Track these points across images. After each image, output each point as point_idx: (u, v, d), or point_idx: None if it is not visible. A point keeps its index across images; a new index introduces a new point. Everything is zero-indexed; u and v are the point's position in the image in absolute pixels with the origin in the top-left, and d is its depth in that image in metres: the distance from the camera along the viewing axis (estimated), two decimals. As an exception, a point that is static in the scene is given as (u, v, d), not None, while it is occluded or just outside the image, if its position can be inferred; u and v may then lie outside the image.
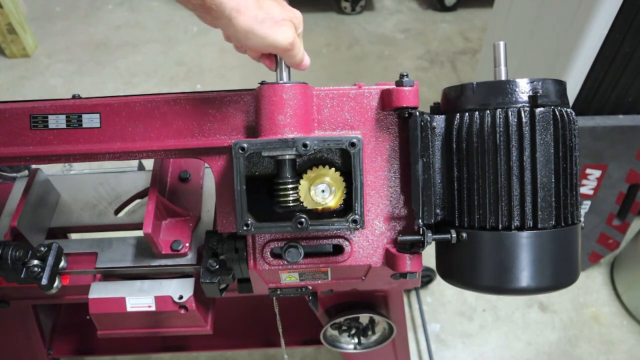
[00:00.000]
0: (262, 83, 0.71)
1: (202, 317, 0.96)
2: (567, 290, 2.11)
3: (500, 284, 0.68)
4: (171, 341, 1.36)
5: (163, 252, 0.89)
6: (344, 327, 1.20)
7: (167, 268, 0.92)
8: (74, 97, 0.77)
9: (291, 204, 0.71)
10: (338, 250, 0.77)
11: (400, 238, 0.72)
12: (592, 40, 1.34)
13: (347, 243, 0.76)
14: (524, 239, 0.67)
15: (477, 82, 0.70)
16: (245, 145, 0.67)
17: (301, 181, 0.72)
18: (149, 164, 1.15)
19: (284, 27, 0.60)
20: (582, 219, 0.73)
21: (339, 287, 0.88)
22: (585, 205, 1.68)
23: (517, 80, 0.68)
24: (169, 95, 0.74)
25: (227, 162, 0.74)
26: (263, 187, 0.74)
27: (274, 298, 1.00)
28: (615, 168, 1.55)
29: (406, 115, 0.70)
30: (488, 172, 0.68)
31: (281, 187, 0.71)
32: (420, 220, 0.69)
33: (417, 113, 0.69)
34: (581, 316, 1.90)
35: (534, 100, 0.67)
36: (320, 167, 0.73)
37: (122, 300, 0.90)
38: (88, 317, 0.92)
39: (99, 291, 0.92)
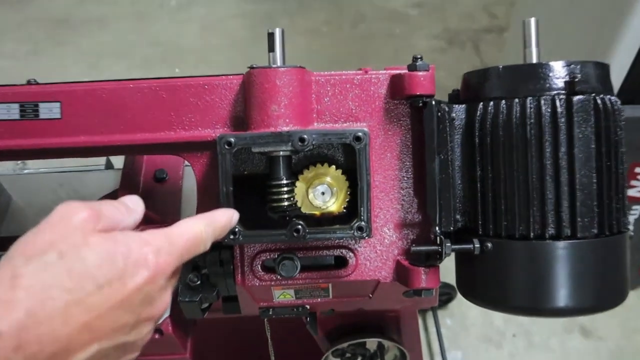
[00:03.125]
0: (252, 67, 0.71)
1: (180, 343, 0.96)
2: (614, 312, 2.09)
3: (533, 303, 0.68)
4: (144, 371, 1.36)
5: (135, 266, 0.89)
6: (347, 354, 1.20)
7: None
8: (29, 82, 0.77)
9: (286, 209, 0.71)
10: (341, 262, 0.77)
11: (414, 248, 0.72)
12: (640, 15, 1.34)
13: (351, 254, 0.76)
14: (561, 250, 0.67)
15: (504, 65, 0.70)
16: (232, 139, 0.67)
17: (297, 182, 0.72)
18: (118, 161, 1.15)
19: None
20: (630, 227, 0.74)
21: (341, 307, 0.88)
22: (635, 211, 1.68)
23: (551, 63, 0.68)
24: (142, 81, 0.75)
25: (211, 159, 0.75)
26: (253, 189, 0.75)
27: (266, 320, 1.01)
28: (669, 167, 1.55)
29: (420, 104, 0.71)
30: (517, 172, 0.68)
31: (274, 188, 0.71)
32: (437, 228, 0.70)
33: (433, 102, 0.69)
34: (632, 343, 1.89)
35: (571, 87, 0.67)
36: (320, 165, 0.74)
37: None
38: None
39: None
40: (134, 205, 0.56)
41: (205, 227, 0.57)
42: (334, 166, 0.74)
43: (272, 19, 3.06)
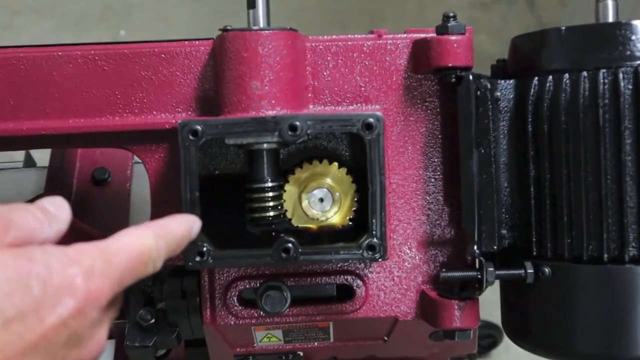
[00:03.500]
0: (226, 29, 0.71)
1: (128, 403, 0.96)
2: None
3: (608, 350, 0.68)
4: None
5: (66, 299, 0.89)
6: (355, 419, 1.20)
7: (72, 324, 0.92)
8: None
9: (271, 221, 0.72)
10: (345, 293, 0.77)
11: (445, 274, 0.72)
12: None
13: (359, 282, 0.76)
14: (646, 277, 0.67)
15: (568, 26, 0.70)
16: (198, 127, 0.67)
17: (287, 185, 0.73)
18: (42, 157, 1.15)
19: None
20: None
21: (346, 353, 0.88)
22: None
23: (634, 22, 0.68)
24: (75, 48, 0.74)
25: (170, 154, 0.75)
26: (227, 194, 0.75)
27: (244, 372, 1.01)
28: None
29: (453, 80, 0.71)
30: (585, 171, 0.68)
31: (256, 193, 0.71)
32: (476, 247, 0.70)
33: (471, 77, 0.69)
34: None
35: (661, 55, 0.67)
36: (317, 162, 0.74)
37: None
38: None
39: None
40: (56, 210, 0.54)
41: (155, 239, 0.55)
42: (336, 164, 0.73)
43: (252, -37, 3.05)
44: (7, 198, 1.08)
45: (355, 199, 0.73)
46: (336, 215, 0.73)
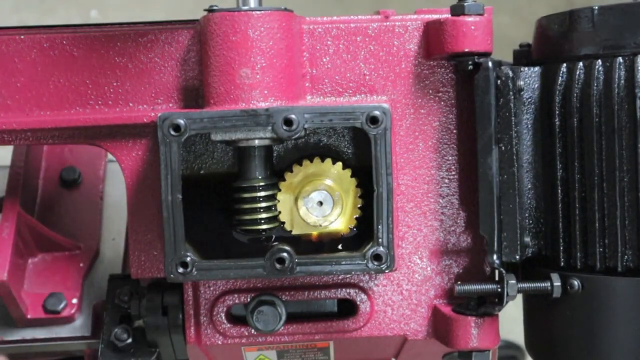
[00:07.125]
0: (212, 10, 0.71)
1: None
2: None
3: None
4: None
5: (29, 316, 0.89)
6: None
7: (36, 346, 0.92)
8: None
9: (264, 227, 0.72)
10: (348, 309, 0.77)
11: (460, 288, 0.72)
12: None
13: (363, 297, 0.76)
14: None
15: (601, 5, 0.70)
16: (181, 121, 0.67)
17: (282, 186, 0.72)
18: (4, 155, 1.15)
19: None
20: None
21: (349, 378, 0.88)
22: None
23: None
24: (39, 31, 0.74)
25: (148, 152, 0.75)
26: (214, 197, 0.75)
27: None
28: None
29: (470, 67, 0.70)
30: (620, 170, 0.68)
31: (246, 199, 0.71)
32: (495, 257, 0.70)
33: (490, 63, 0.69)
34: None
35: None
36: (308, 162, 0.74)
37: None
38: None
39: None
40: None
41: None
42: (329, 160, 0.73)
43: None
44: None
45: (358, 195, 0.73)
46: (339, 219, 0.73)
